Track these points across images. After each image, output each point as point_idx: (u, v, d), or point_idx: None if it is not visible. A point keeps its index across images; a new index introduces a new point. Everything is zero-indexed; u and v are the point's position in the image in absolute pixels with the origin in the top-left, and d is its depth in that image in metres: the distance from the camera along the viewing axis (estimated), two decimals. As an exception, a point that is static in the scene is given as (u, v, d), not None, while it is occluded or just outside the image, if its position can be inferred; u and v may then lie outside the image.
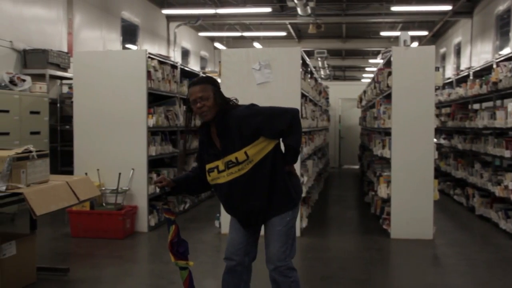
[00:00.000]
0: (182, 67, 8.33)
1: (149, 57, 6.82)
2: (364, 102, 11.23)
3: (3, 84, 7.64)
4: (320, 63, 20.83)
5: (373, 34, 18.40)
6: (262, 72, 6.33)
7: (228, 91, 3.17)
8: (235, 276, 3.26)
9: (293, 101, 6.21)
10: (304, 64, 7.31)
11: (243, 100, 3.26)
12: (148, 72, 6.69)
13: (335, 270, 5.13)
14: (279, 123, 3.05)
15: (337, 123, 16.11)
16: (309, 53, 20.97)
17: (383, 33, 17.02)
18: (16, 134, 7.52)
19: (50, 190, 4.16)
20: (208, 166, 3.14)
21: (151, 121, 6.69)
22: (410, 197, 6.29)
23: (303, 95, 6.76)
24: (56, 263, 5.16)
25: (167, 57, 8.06)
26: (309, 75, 8.04)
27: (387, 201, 6.74)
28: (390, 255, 5.92)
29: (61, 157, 8.65)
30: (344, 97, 15.95)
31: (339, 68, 26.53)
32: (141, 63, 6.59)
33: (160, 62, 7.35)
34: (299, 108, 6.29)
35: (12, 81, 7.76)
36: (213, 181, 3.15)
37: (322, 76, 23.36)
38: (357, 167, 14.51)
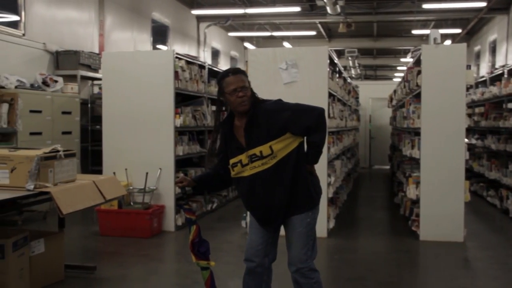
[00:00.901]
0: (210, 67, 8.36)
1: (176, 57, 6.86)
2: (394, 102, 11.06)
3: (36, 85, 7.81)
4: (350, 62, 20.62)
5: (405, 33, 18.09)
6: (289, 72, 6.30)
7: (255, 91, 3.16)
8: (256, 277, 3.25)
9: (320, 101, 6.16)
10: (332, 63, 7.24)
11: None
12: (176, 72, 6.72)
13: (362, 272, 5.06)
14: (306, 119, 3.05)
15: (368, 123, 15.93)
16: (340, 52, 20.79)
17: (415, 31, 16.72)
18: (48, 134, 7.67)
19: (77, 189, 4.23)
20: (231, 161, 3.13)
21: (178, 121, 6.73)
22: (440, 199, 6.15)
23: (330, 95, 6.70)
24: (84, 261, 5.25)
25: (195, 57, 8.11)
26: (337, 75, 7.95)
27: (416, 202, 6.62)
28: (419, 258, 5.80)
29: (92, 157, 8.79)
30: (375, 96, 15.75)
31: (370, 67, 26.23)
32: (169, 63, 6.63)
33: (188, 62, 7.38)
34: (326, 107, 6.24)
35: (44, 82, 7.93)
36: (237, 175, 3.14)
37: (353, 75, 23.12)
38: (387, 167, 14.31)
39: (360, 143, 15.09)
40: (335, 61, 7.44)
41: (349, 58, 19.32)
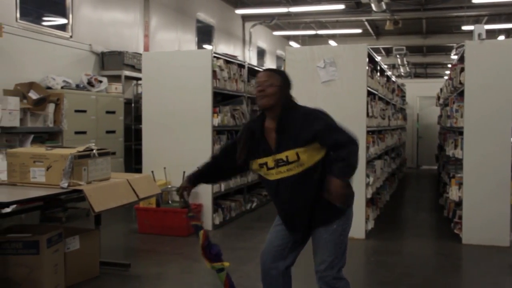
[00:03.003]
0: (250, 66, 8.35)
1: (214, 56, 6.89)
2: (441, 100, 10.73)
3: (81, 85, 8.03)
4: (399, 60, 20.18)
5: (455, 29, 17.52)
6: (327, 70, 6.21)
7: (292, 90, 3.12)
8: (271, 280, 3.17)
9: (358, 99, 6.08)
10: (372, 61, 7.08)
11: (308, 99, 3.20)
12: (214, 72, 6.75)
13: (397, 276, 4.91)
14: (338, 135, 2.92)
15: (415, 122, 15.52)
16: (388, 50, 20.37)
17: (465, 27, 16.15)
18: (92, 133, 7.87)
19: (110, 188, 4.31)
20: (258, 161, 3.08)
21: (216, 120, 6.76)
22: (484, 201, 5.91)
23: (370, 93, 6.56)
24: (121, 258, 5.34)
25: (234, 56, 8.11)
26: (377, 73, 7.77)
27: (459, 204, 6.39)
28: (460, 262, 5.59)
29: (135, 155, 8.96)
30: (422, 95, 15.33)
31: (420, 65, 25.53)
32: (207, 62, 6.66)
33: (227, 62, 7.40)
34: (364, 106, 6.13)
35: (89, 82, 8.14)
36: (265, 176, 3.10)
37: (402, 73, 22.61)
38: (435, 167, 13.90)
39: (407, 143, 14.73)
40: (376, 59, 7.28)
41: (397, 56, 18.92)
